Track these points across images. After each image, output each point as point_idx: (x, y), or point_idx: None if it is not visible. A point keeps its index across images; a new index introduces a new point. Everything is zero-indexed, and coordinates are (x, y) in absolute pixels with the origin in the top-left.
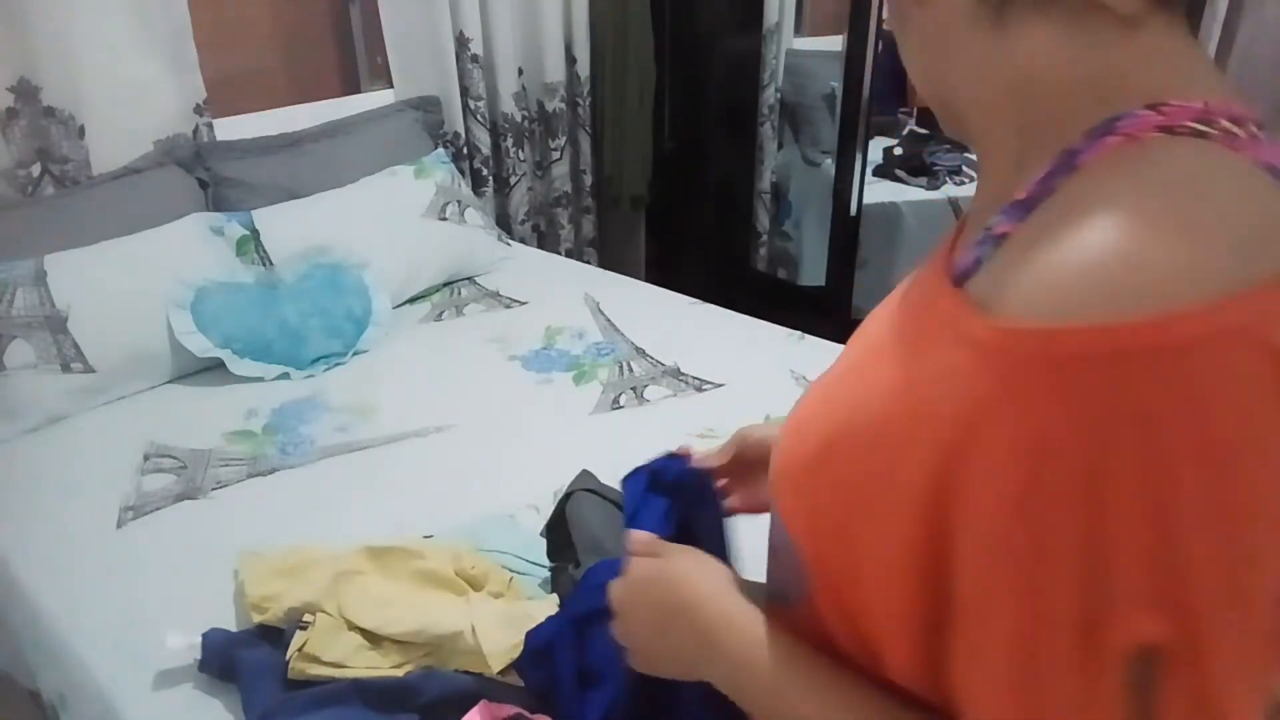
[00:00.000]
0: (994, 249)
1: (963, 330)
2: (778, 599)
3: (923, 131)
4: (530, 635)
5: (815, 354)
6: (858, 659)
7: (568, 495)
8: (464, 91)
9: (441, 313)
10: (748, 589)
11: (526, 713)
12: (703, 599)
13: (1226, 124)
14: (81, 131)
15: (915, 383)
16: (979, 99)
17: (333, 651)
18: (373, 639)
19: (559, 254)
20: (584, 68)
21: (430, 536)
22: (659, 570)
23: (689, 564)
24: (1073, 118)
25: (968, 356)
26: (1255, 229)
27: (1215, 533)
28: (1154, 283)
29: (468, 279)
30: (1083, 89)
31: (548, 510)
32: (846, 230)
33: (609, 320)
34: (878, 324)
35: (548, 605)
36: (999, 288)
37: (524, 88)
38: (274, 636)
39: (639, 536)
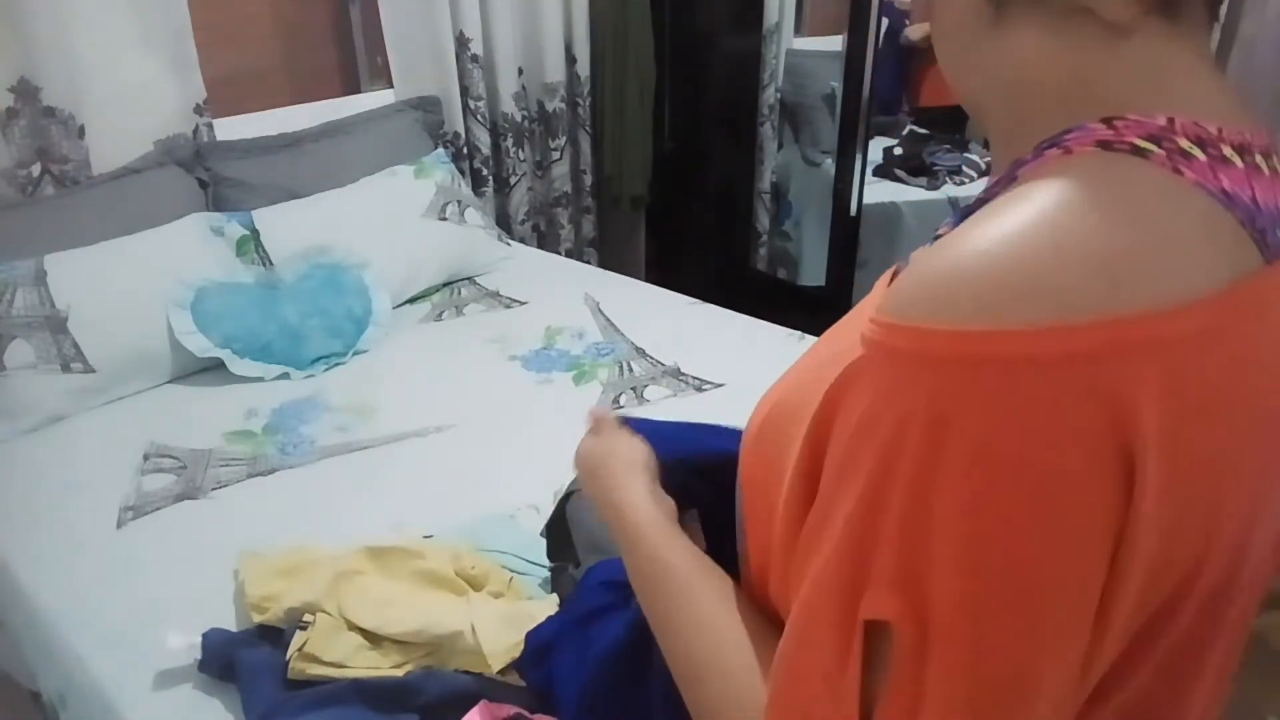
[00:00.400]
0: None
1: (865, 315)
2: (740, 564)
3: (923, 131)
4: (530, 635)
5: None
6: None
7: (567, 495)
8: (464, 91)
9: (441, 313)
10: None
11: (526, 713)
12: (611, 487)
13: (1186, 144)
14: (81, 131)
15: (827, 361)
16: (985, 97)
17: (333, 651)
18: (373, 639)
19: (559, 254)
20: (584, 68)
21: (430, 536)
22: (593, 443)
23: (614, 444)
24: (1041, 123)
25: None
26: (1134, 258)
27: (964, 543)
28: (982, 296)
29: (468, 279)
30: (1054, 95)
31: (548, 510)
32: (846, 230)
33: (609, 320)
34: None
35: (548, 605)
36: (897, 286)
37: (524, 88)
38: (274, 636)
39: (597, 411)
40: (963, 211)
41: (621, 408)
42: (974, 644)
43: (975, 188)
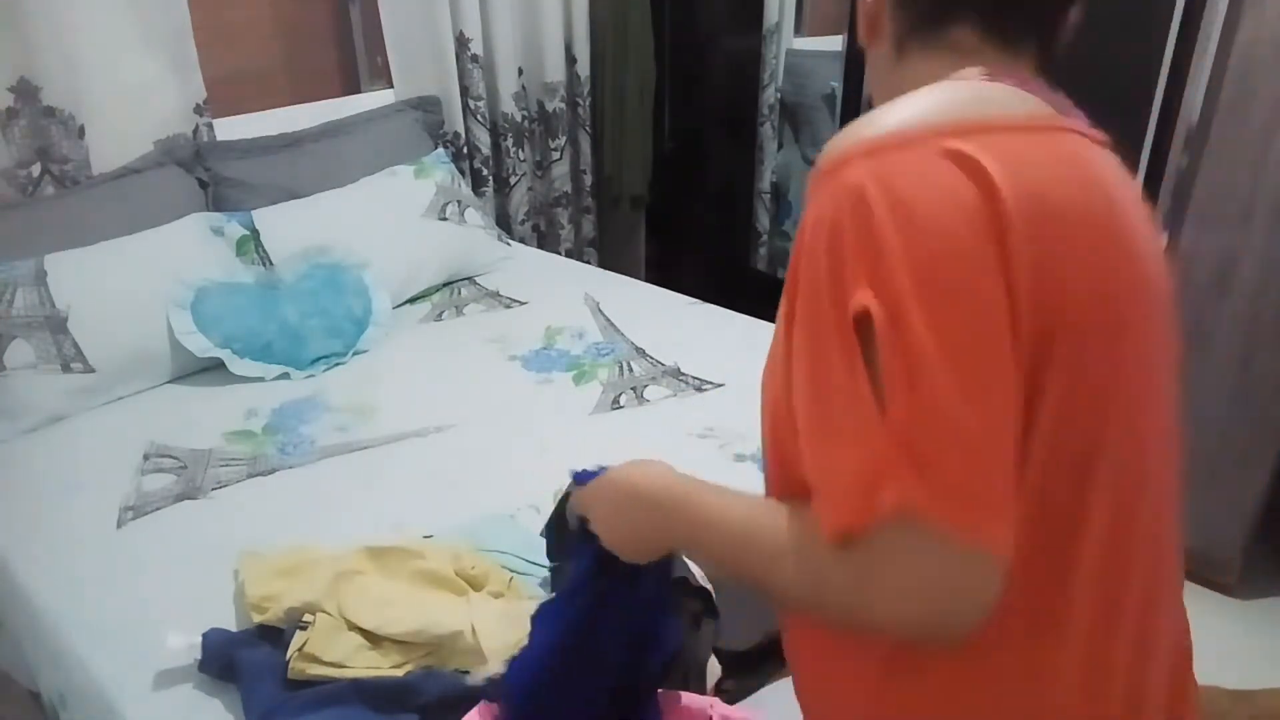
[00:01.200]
0: None
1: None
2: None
3: None
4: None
5: None
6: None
7: (567, 495)
8: (464, 91)
9: (441, 313)
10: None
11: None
12: (646, 484)
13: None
14: (81, 131)
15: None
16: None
17: (333, 651)
18: (373, 639)
19: (559, 254)
20: (584, 68)
21: (430, 536)
22: (605, 477)
23: (628, 466)
24: None
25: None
26: (973, 104)
27: (902, 241)
28: (876, 123)
29: (468, 279)
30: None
31: (548, 510)
32: None
33: (609, 320)
34: None
35: None
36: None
37: (524, 88)
38: (274, 636)
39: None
40: None
41: (621, 406)
42: (928, 311)
43: None
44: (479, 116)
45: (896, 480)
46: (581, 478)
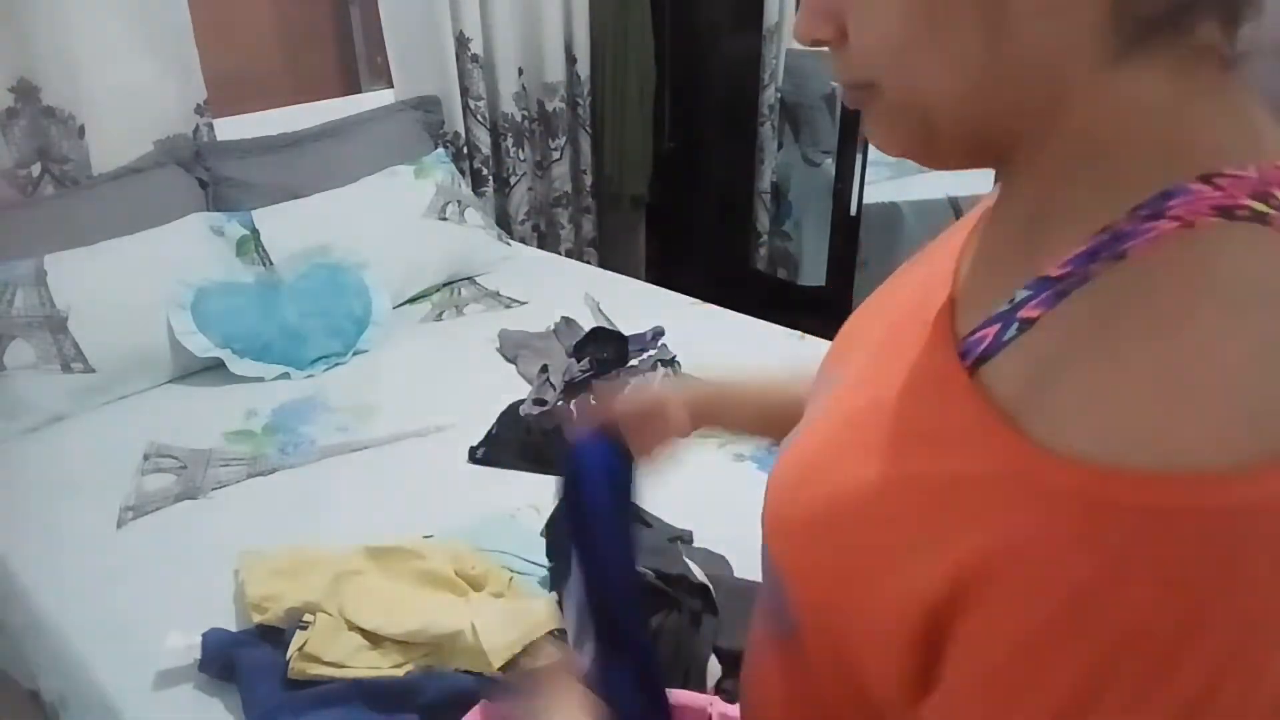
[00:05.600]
0: (1018, 333)
1: (994, 446)
2: (770, 622)
3: None
4: None
5: (815, 354)
6: (841, 693)
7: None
8: (464, 91)
9: (442, 313)
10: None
11: None
12: None
13: None
14: (81, 131)
15: (933, 483)
16: (1042, 135)
17: (333, 651)
18: (373, 639)
19: (559, 254)
20: (584, 68)
21: (430, 536)
22: None
23: None
24: (1126, 178)
25: (998, 478)
26: None
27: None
28: (1213, 435)
29: (468, 279)
30: (1149, 145)
31: (548, 510)
32: (846, 230)
33: (609, 320)
34: (870, 359)
35: (548, 604)
36: (1039, 404)
37: (524, 88)
38: (274, 636)
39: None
40: (1053, 283)
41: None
42: None
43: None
44: (479, 116)
45: None
46: (584, 448)
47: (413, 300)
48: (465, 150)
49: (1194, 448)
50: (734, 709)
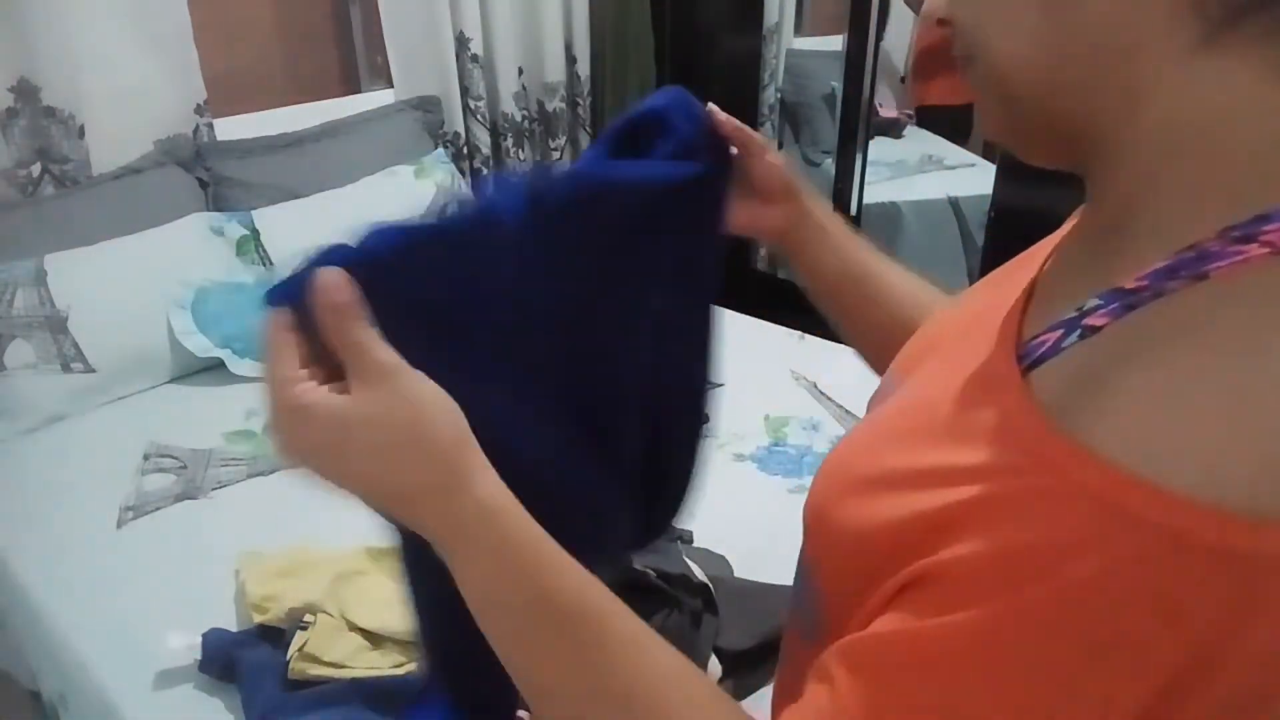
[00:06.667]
0: (1079, 339)
1: (1024, 440)
2: (798, 621)
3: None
4: None
5: (815, 354)
6: None
7: None
8: (464, 91)
9: None
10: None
11: (527, 713)
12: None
13: None
14: (81, 131)
15: (955, 474)
16: (1122, 124)
17: (333, 651)
18: (373, 639)
19: None
20: (584, 68)
21: None
22: (392, 387)
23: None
24: (1217, 190)
25: (1018, 470)
26: None
27: None
28: (1265, 478)
29: None
30: (1245, 154)
31: None
32: None
33: None
34: (933, 364)
35: None
36: (1081, 405)
37: (524, 88)
38: (274, 636)
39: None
40: (1126, 294)
41: None
42: None
43: (974, 183)
44: (479, 116)
45: None
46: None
47: None
48: (465, 150)
49: (1237, 484)
50: None
